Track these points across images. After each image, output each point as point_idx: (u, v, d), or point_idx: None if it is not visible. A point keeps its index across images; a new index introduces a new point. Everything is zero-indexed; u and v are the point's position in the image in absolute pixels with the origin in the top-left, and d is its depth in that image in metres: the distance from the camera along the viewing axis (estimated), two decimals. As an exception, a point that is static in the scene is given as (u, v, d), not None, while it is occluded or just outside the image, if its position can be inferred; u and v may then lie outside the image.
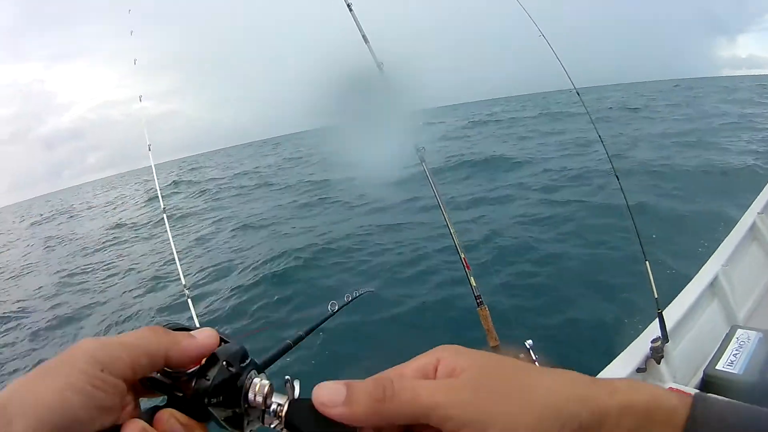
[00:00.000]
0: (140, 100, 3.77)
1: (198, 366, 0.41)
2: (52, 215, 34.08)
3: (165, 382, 0.41)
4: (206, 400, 0.39)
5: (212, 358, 0.41)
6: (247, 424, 0.42)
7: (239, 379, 0.42)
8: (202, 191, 20.86)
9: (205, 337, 0.42)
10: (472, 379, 0.35)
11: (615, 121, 19.25)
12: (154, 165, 3.45)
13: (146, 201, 22.96)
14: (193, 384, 0.40)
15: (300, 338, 0.82)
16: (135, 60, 3.82)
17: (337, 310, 1.17)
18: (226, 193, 18.62)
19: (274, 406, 0.41)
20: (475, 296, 2.23)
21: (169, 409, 0.38)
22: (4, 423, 0.31)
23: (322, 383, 0.38)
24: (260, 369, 0.44)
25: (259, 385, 0.42)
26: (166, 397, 0.41)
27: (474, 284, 2.24)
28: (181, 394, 0.40)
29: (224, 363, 0.41)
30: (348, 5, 2.97)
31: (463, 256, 2.31)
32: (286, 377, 0.42)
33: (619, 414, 0.34)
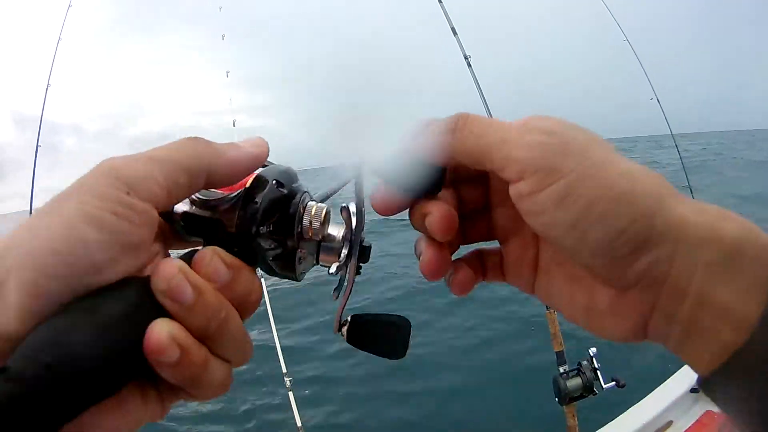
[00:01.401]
0: (227, 75, 3.78)
1: (240, 189, 0.34)
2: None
3: (202, 215, 0.33)
4: (254, 229, 0.33)
5: (258, 179, 0.34)
6: (299, 262, 0.37)
7: (292, 201, 0.35)
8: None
9: (254, 147, 0.35)
10: (545, 128, 0.30)
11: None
12: None
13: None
14: (238, 209, 0.33)
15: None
16: (228, 72, 3.84)
17: None
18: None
19: (332, 237, 0.37)
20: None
21: (212, 247, 0.31)
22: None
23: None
24: (312, 197, 0.38)
25: (315, 208, 0.36)
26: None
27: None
28: (221, 224, 0.33)
29: (274, 182, 0.34)
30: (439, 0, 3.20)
31: None
32: (342, 205, 0.37)
33: (701, 241, 0.26)
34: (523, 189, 0.30)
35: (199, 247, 0.32)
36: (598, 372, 2.01)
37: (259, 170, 0.35)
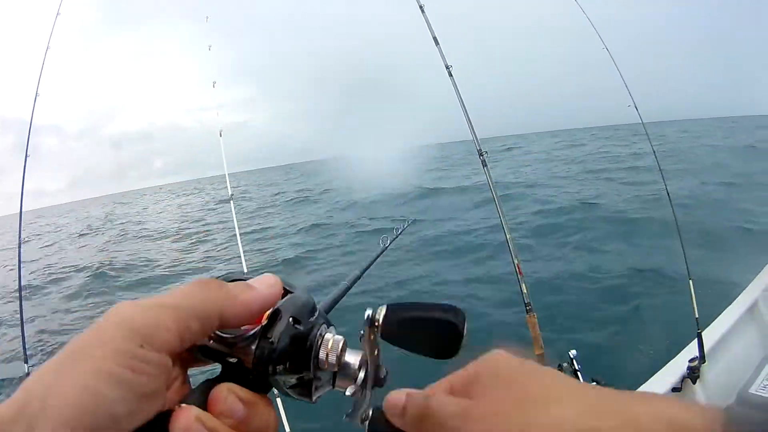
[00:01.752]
0: (213, 86, 3.96)
1: (257, 325, 0.34)
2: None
3: (219, 350, 0.34)
4: (270, 369, 0.33)
5: (275, 314, 0.34)
6: (316, 389, 0.37)
7: (309, 335, 0.36)
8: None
9: (266, 287, 0.36)
10: (485, 406, 0.32)
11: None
12: (221, 173, 3.56)
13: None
14: (255, 348, 0.33)
15: (357, 278, 0.76)
16: (214, 83, 4.01)
17: (389, 243, 1.17)
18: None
19: (349, 370, 0.37)
20: (525, 303, 2.32)
21: (227, 384, 0.32)
22: (25, 426, 0.26)
23: (392, 393, 0.37)
24: (329, 321, 0.38)
25: (332, 341, 0.36)
26: (219, 365, 0.34)
27: (525, 291, 2.34)
28: (236, 361, 0.34)
29: (290, 320, 0.34)
30: (420, 7, 3.24)
31: (517, 261, 2.41)
32: (361, 332, 0.37)
33: None
34: None
35: (215, 381, 0.33)
36: (579, 373, 2.05)
37: (278, 303, 0.35)
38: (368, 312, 0.36)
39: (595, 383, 2.02)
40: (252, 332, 0.34)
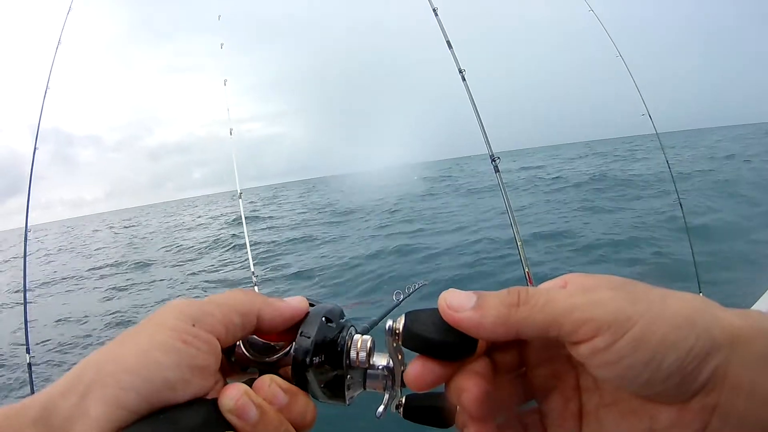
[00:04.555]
0: (225, 84, 4.20)
1: (289, 343, 0.38)
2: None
3: (258, 359, 0.38)
4: (308, 360, 0.36)
5: (308, 317, 0.39)
6: (348, 389, 0.40)
7: (340, 335, 0.39)
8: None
9: (296, 301, 0.40)
10: (608, 285, 0.34)
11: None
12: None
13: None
14: (293, 343, 0.37)
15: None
16: (225, 80, 4.27)
17: (402, 300, 1.22)
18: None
19: (378, 366, 0.39)
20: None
21: (269, 375, 0.36)
22: (77, 397, 0.28)
23: (450, 289, 0.36)
24: (356, 326, 0.42)
25: (360, 341, 0.39)
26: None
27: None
28: (275, 362, 0.38)
29: (323, 319, 0.38)
30: (434, 10, 3.25)
31: (527, 270, 2.40)
32: (387, 324, 0.38)
33: (749, 339, 0.31)
34: (598, 344, 0.31)
35: (257, 376, 0.36)
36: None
37: (310, 310, 0.40)
38: (389, 323, 0.37)
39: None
40: (286, 350, 0.39)
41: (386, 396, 0.40)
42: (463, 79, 2.79)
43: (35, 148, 3.24)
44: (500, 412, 0.38)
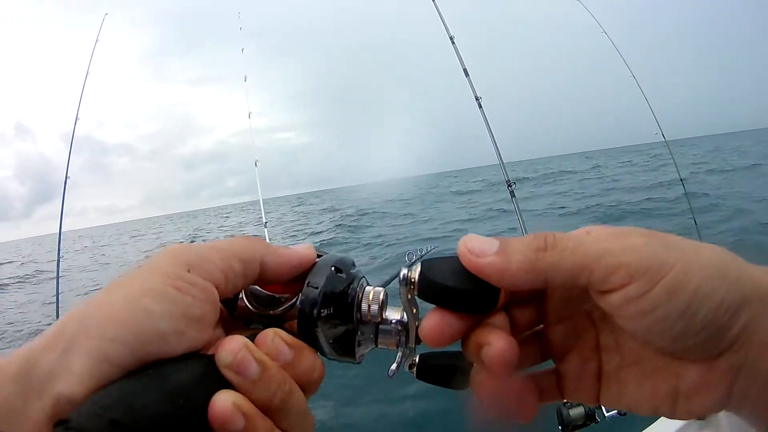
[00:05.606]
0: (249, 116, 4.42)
1: (295, 295, 0.35)
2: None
3: (261, 312, 0.35)
4: (315, 312, 0.33)
5: (316, 267, 0.36)
6: (358, 345, 0.37)
7: (350, 286, 0.36)
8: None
9: (303, 248, 0.37)
10: (638, 232, 0.31)
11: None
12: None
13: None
14: (299, 294, 0.35)
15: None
16: (245, 78, 4.37)
17: (414, 262, 1.23)
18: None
19: (392, 321, 0.36)
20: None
21: (273, 329, 0.32)
22: (60, 351, 0.26)
23: (470, 234, 0.33)
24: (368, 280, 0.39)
25: (372, 293, 0.37)
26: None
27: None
28: (280, 314, 0.35)
29: (333, 268, 0.36)
30: (450, 38, 3.39)
31: None
32: (402, 270, 0.35)
33: None
34: (632, 292, 0.30)
35: (261, 331, 0.33)
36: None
37: (318, 259, 0.37)
38: (403, 271, 0.34)
39: (616, 411, 2.09)
40: (291, 301, 0.35)
41: (399, 353, 0.37)
42: (480, 106, 2.91)
43: (69, 157, 3.50)
44: (516, 373, 0.35)
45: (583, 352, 0.36)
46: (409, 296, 0.35)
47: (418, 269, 0.34)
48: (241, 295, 0.36)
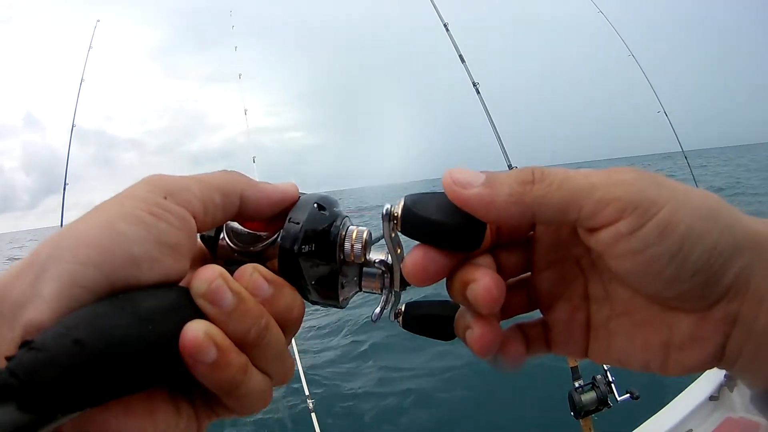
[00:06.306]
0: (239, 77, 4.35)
1: (276, 232, 0.34)
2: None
3: (242, 249, 0.35)
4: (296, 248, 0.33)
5: (299, 203, 0.35)
6: (342, 287, 0.36)
7: (333, 224, 0.35)
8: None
9: (286, 185, 0.36)
10: (628, 168, 0.30)
11: None
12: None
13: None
14: (280, 231, 0.34)
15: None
16: (240, 74, 4.45)
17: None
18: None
19: (375, 263, 0.36)
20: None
21: (252, 264, 0.31)
22: (31, 278, 0.25)
23: (456, 167, 0.32)
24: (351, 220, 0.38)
25: (356, 232, 0.36)
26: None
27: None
28: (260, 251, 0.34)
29: (315, 204, 0.35)
30: (444, 25, 3.35)
31: None
32: (385, 207, 0.33)
33: None
34: (623, 229, 0.28)
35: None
36: (613, 385, 2.05)
37: (300, 196, 0.36)
38: (387, 206, 0.33)
39: (629, 395, 2.04)
40: (273, 237, 0.34)
41: (383, 297, 0.37)
42: (477, 92, 2.87)
43: (69, 151, 3.48)
44: (502, 319, 0.35)
45: (572, 301, 0.35)
46: (393, 234, 0.34)
47: (402, 203, 0.33)
48: (222, 235, 0.36)
